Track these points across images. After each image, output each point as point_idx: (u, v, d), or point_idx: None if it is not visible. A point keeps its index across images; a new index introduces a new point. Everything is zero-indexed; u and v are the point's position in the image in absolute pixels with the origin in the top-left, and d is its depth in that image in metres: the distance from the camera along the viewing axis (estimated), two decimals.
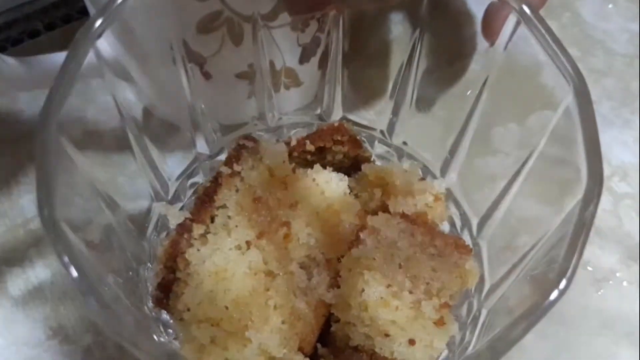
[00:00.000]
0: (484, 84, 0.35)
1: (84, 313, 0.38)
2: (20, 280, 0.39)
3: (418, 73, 0.37)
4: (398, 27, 0.46)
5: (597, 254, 0.41)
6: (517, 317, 0.21)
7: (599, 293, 0.40)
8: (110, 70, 0.31)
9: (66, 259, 0.20)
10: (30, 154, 0.43)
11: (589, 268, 0.40)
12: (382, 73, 0.41)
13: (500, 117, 0.37)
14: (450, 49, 0.41)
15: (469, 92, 0.37)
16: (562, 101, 0.27)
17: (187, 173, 0.36)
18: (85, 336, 0.38)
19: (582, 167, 0.23)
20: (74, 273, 0.20)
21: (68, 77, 0.24)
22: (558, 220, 0.27)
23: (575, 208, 0.24)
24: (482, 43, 0.41)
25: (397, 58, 0.39)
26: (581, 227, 0.23)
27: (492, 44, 0.32)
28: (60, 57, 0.29)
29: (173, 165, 0.36)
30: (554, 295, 0.21)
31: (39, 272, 0.40)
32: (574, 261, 0.22)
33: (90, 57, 0.28)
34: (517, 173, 0.34)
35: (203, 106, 0.35)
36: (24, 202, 0.42)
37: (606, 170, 0.24)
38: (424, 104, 0.39)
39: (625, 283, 0.40)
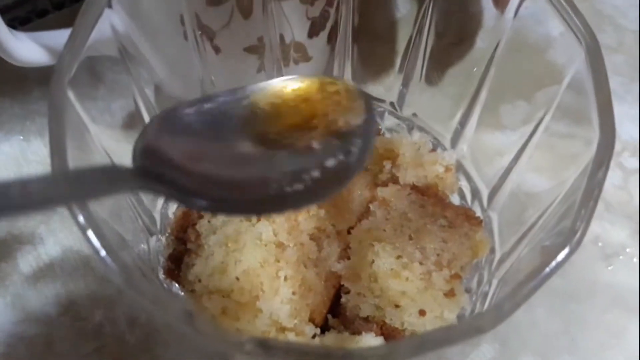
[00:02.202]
0: (492, 60, 0.35)
1: (95, 289, 0.38)
2: (31, 257, 0.39)
3: (427, 48, 0.37)
4: (406, 5, 0.46)
5: (607, 229, 0.41)
6: (525, 277, 0.21)
7: (609, 268, 0.39)
8: (124, 46, 0.31)
9: (81, 217, 0.20)
10: (39, 131, 0.43)
11: (600, 244, 0.40)
12: (391, 48, 0.41)
13: (508, 94, 0.37)
14: (457, 26, 0.41)
15: (475, 69, 0.37)
16: (573, 61, 0.27)
17: None
18: (96, 312, 0.38)
19: (595, 124, 0.23)
20: (93, 237, 0.20)
21: (83, 26, 0.24)
22: (567, 188, 0.27)
23: (586, 170, 0.24)
24: (488, 20, 0.41)
25: (406, 33, 0.39)
26: (591, 189, 0.23)
27: (502, 11, 0.32)
28: (68, 33, 0.29)
29: None
30: (562, 255, 0.21)
31: (50, 249, 0.40)
32: (584, 219, 0.21)
33: (105, 30, 0.28)
34: (525, 146, 0.34)
35: (213, 78, 0.35)
36: None
37: (617, 146, 0.24)
38: (433, 78, 0.39)
39: (635, 259, 0.40)
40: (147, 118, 0.33)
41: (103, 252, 0.20)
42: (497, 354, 0.37)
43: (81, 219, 0.21)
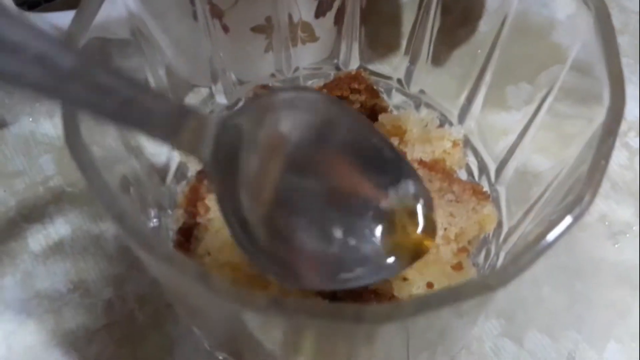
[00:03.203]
0: (496, 42, 0.36)
1: (104, 267, 0.39)
2: (41, 236, 0.40)
3: (434, 30, 0.37)
4: None
5: (613, 207, 0.41)
6: (531, 241, 0.21)
7: (616, 246, 0.40)
8: (138, 27, 0.32)
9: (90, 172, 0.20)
10: (49, 113, 0.44)
11: (606, 222, 0.40)
12: (397, 29, 0.41)
13: (512, 75, 0.38)
14: (462, 8, 0.41)
15: (479, 51, 0.37)
16: (579, 37, 0.27)
17: None
18: (105, 290, 0.38)
19: (604, 91, 0.23)
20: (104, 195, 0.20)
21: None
22: (573, 162, 0.28)
23: (592, 142, 0.25)
24: (492, 2, 0.41)
25: (412, 15, 0.39)
26: (599, 159, 0.23)
27: None
28: None
29: None
30: (567, 221, 0.21)
31: (59, 228, 0.40)
32: (591, 185, 0.22)
33: (120, 10, 0.29)
34: (529, 126, 0.34)
35: (222, 55, 0.35)
36: (43, 160, 0.42)
37: (622, 126, 0.24)
38: (439, 59, 0.39)
39: None
40: None
41: (121, 218, 0.20)
42: (503, 330, 0.37)
43: (98, 187, 0.21)
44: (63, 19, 0.37)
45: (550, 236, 0.20)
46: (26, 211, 0.41)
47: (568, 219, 0.21)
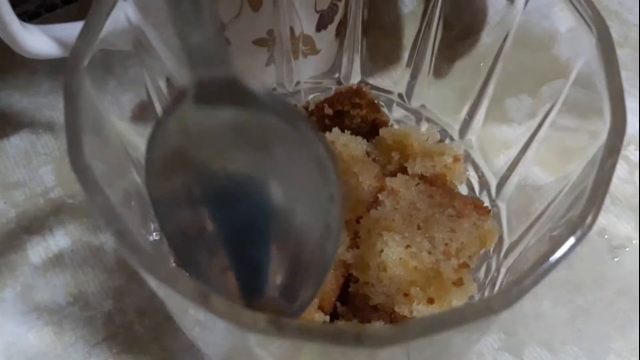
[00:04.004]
0: (499, 55, 0.36)
1: (104, 279, 0.39)
2: (41, 248, 0.40)
3: (436, 42, 0.38)
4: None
5: (613, 221, 0.41)
6: (534, 263, 0.21)
7: (615, 260, 0.40)
8: (138, 38, 0.32)
9: (94, 195, 0.21)
10: (49, 124, 0.44)
11: (606, 236, 0.40)
12: (399, 42, 0.41)
13: (514, 88, 0.38)
14: (465, 20, 0.41)
15: (481, 64, 0.37)
16: (581, 53, 0.27)
17: None
18: (105, 302, 0.38)
19: (605, 111, 0.23)
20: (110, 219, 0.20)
21: (98, 13, 0.24)
22: (575, 178, 0.28)
23: (594, 160, 0.25)
24: (494, 15, 0.41)
25: (413, 27, 0.39)
26: (602, 177, 0.23)
27: (511, 1, 0.32)
28: (79, 25, 0.30)
29: None
30: (572, 241, 0.21)
31: (59, 240, 0.40)
32: (595, 203, 0.22)
33: (121, 21, 0.29)
34: (531, 140, 0.34)
35: None
36: (43, 171, 0.42)
37: None
38: (441, 72, 0.39)
39: None
40: (159, 110, 0.33)
41: (120, 235, 0.20)
42: (502, 344, 0.37)
43: (98, 203, 0.21)
44: (66, 31, 0.37)
45: (554, 258, 0.20)
46: (26, 223, 0.41)
47: (571, 240, 0.21)
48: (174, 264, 0.32)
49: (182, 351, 0.37)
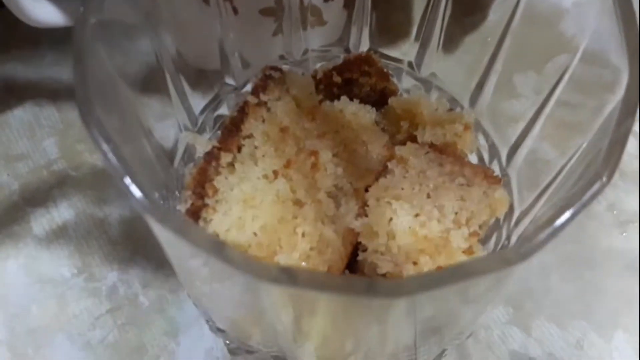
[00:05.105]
0: (506, 31, 0.35)
1: (108, 251, 0.38)
2: (44, 220, 0.39)
3: (445, 17, 0.37)
4: None
5: (621, 197, 0.41)
6: (546, 220, 0.21)
7: (623, 235, 0.39)
8: (149, 10, 0.31)
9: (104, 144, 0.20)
10: (53, 96, 0.43)
11: (614, 211, 0.40)
12: (408, 16, 0.41)
13: (522, 64, 0.37)
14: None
15: (489, 39, 0.37)
16: (590, 21, 0.27)
17: (212, 106, 0.36)
18: (110, 274, 0.38)
19: (623, 67, 0.23)
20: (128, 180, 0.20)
21: None
22: (589, 140, 0.27)
23: (612, 116, 0.24)
24: None
25: (422, 2, 0.38)
26: (617, 137, 0.23)
27: None
28: None
29: (197, 97, 0.36)
30: (590, 193, 0.21)
31: (63, 212, 0.40)
32: (612, 160, 0.21)
33: None
34: (539, 114, 0.34)
35: (231, 37, 0.35)
36: (47, 144, 0.42)
37: None
38: (449, 47, 0.39)
39: None
40: (169, 80, 0.33)
41: (138, 193, 0.20)
42: (511, 318, 0.37)
43: (114, 160, 0.20)
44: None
45: (569, 212, 0.20)
46: (30, 195, 0.40)
47: (589, 193, 0.20)
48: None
49: (187, 323, 0.36)
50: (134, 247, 0.38)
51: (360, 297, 0.19)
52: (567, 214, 0.21)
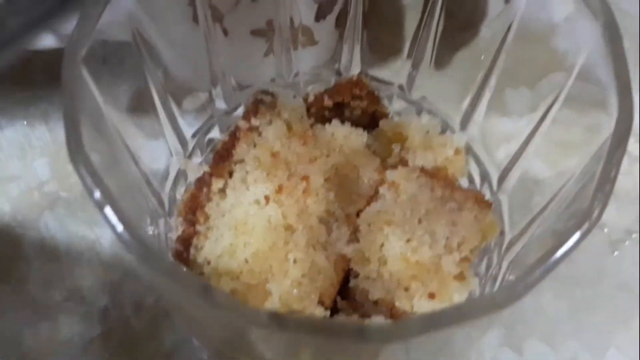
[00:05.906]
0: (501, 48, 0.35)
1: (100, 274, 0.38)
2: (36, 242, 0.39)
3: (437, 34, 0.37)
4: None
5: (613, 215, 0.40)
6: (539, 258, 0.21)
7: (615, 254, 0.39)
8: (138, 30, 0.31)
9: (89, 180, 0.20)
10: (44, 115, 0.43)
11: (605, 230, 0.40)
12: (399, 33, 0.41)
13: (516, 82, 0.37)
14: (465, 12, 0.41)
15: (482, 57, 0.37)
16: (584, 46, 0.27)
17: (204, 130, 0.36)
18: (101, 297, 0.38)
19: (612, 102, 0.23)
20: (110, 212, 0.20)
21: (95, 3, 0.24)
22: (579, 171, 0.27)
23: (599, 153, 0.24)
24: (494, 7, 0.41)
25: (414, 19, 0.38)
26: (610, 167, 0.23)
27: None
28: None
29: (189, 121, 0.36)
30: (579, 233, 0.21)
31: (54, 234, 0.39)
32: (601, 199, 0.21)
33: (120, 13, 0.28)
34: (533, 134, 0.34)
35: (221, 58, 0.34)
36: (38, 165, 0.42)
37: None
38: (442, 64, 0.39)
39: None
40: (157, 101, 0.33)
41: (120, 228, 0.20)
42: (503, 339, 0.37)
43: (98, 195, 0.20)
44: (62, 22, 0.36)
45: (560, 252, 0.20)
46: (21, 217, 0.40)
47: (577, 235, 0.20)
48: (172, 258, 0.32)
49: (179, 347, 0.36)
50: (126, 270, 0.38)
51: (350, 342, 0.19)
52: (558, 253, 0.21)
